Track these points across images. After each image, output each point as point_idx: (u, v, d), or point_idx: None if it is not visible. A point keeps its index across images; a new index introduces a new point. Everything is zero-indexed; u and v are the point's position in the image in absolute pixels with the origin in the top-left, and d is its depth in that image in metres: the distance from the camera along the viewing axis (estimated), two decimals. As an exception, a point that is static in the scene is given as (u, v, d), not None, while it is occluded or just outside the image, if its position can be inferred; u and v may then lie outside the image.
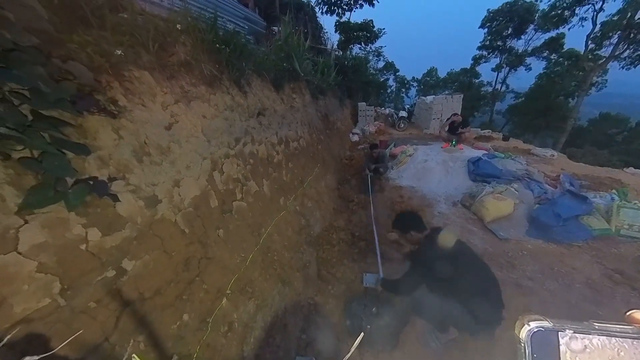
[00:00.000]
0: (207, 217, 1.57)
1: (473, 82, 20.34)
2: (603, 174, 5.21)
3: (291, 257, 2.37)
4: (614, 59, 12.60)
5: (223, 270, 1.58)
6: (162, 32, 1.60)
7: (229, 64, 2.08)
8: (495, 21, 17.12)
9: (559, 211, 3.23)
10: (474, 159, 4.69)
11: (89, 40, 1.12)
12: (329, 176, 4.45)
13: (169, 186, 1.33)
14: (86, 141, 0.99)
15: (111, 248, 1.02)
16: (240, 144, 2.10)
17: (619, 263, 2.70)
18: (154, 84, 1.42)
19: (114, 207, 1.05)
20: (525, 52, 17.37)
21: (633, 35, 11.65)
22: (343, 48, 13.99)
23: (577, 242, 3.03)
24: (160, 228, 1.24)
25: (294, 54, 3.69)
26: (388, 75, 19.47)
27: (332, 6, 13.02)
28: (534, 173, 4.47)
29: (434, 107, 9.99)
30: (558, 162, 6.21)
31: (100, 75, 1.12)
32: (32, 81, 0.79)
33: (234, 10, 4.08)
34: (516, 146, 7.69)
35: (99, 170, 1.02)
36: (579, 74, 14.78)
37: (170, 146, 1.40)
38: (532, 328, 0.29)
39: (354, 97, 10.81)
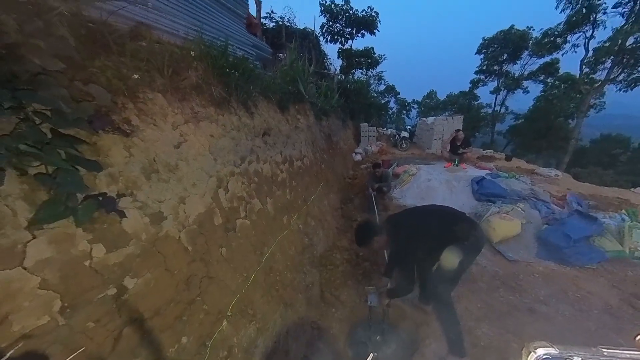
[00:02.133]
0: (211, 234, 1.56)
1: (472, 104, 20.88)
2: (611, 194, 5.14)
3: (294, 278, 2.30)
4: (609, 82, 12.94)
5: (224, 290, 1.54)
6: (177, 58, 1.70)
7: (237, 87, 2.19)
8: (491, 48, 17.94)
9: (568, 232, 3.15)
10: (478, 179, 4.68)
11: (109, 65, 1.20)
12: (332, 195, 4.45)
13: (174, 203, 1.34)
14: (98, 158, 1.02)
15: (114, 265, 1.01)
16: (246, 162, 2.14)
17: (637, 287, 2.57)
18: (166, 105, 1.49)
19: (120, 223, 1.06)
20: (521, 76, 17.98)
21: (626, 60, 12.07)
22: (345, 73, 14.63)
23: (590, 265, 2.91)
24: (164, 245, 1.23)
25: (299, 78, 3.87)
26: (389, 97, 20.14)
27: (336, 35, 13.83)
28: (540, 193, 4.42)
29: (436, 128, 10.18)
30: (563, 182, 6.16)
31: (117, 97, 1.19)
32: (54, 102, 0.84)
33: (243, 38, 4.37)
34: (519, 166, 7.69)
35: (109, 187, 1.04)
36: (576, 96, 15.15)
37: (178, 164, 1.43)
38: (540, 355, 0.28)
39: (356, 118, 11.11)
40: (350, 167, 7.46)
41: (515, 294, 2.53)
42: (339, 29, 13.63)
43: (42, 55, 0.84)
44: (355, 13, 13.04)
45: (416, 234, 1.83)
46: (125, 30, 1.56)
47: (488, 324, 2.17)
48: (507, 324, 2.18)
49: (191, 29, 2.14)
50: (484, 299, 2.46)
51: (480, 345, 1.98)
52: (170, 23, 2.46)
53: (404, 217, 2.05)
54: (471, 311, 2.30)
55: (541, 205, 3.99)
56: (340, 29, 13.65)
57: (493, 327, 2.13)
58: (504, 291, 2.58)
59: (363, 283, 2.74)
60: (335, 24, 13.45)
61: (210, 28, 3.19)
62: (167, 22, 2.42)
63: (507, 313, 2.30)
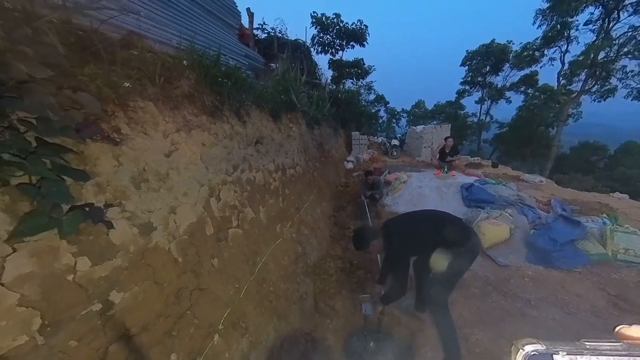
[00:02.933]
0: (202, 245, 1.52)
1: (459, 113, 21.62)
2: (592, 199, 5.35)
3: (287, 288, 2.26)
4: (584, 93, 13.72)
5: (216, 302, 1.49)
6: (169, 67, 1.70)
7: (229, 96, 2.19)
8: (474, 60, 18.79)
9: (554, 236, 3.25)
10: (467, 185, 4.79)
11: (99, 73, 1.19)
12: (325, 203, 4.44)
13: (165, 213, 1.31)
14: (86, 167, 0.99)
15: (99, 279, 0.97)
16: (238, 170, 2.12)
17: (622, 289, 2.66)
18: (157, 113, 1.47)
19: (107, 234, 1.02)
20: (504, 87, 18.84)
21: (598, 72, 12.87)
22: (336, 83, 14.93)
23: (576, 268, 3.00)
24: (153, 257, 1.19)
25: (291, 87, 3.92)
26: (379, 106, 20.59)
27: (326, 46, 14.17)
28: (526, 198, 4.56)
29: (425, 136, 10.44)
30: (547, 187, 6.38)
31: (107, 105, 1.17)
32: (41, 110, 0.81)
33: (235, 48, 4.41)
34: (505, 173, 7.94)
35: (96, 197, 1.01)
36: (555, 106, 15.95)
37: (168, 173, 1.41)
38: (528, 352, 0.29)
39: (347, 127, 11.27)
40: (342, 175, 7.50)
41: (507, 298, 2.57)
42: (330, 40, 14.00)
43: (29, 63, 0.82)
44: (345, 26, 13.45)
45: (411, 238, 1.84)
46: (117, 39, 1.55)
47: (482, 329, 2.18)
48: (500, 329, 2.19)
49: (184, 39, 2.15)
50: (477, 305, 2.47)
51: (476, 351, 1.98)
52: (162, 32, 2.46)
53: (400, 222, 2.06)
54: (465, 317, 2.30)
55: (528, 210, 4.11)
56: (330, 41, 14.02)
57: (487, 333, 2.14)
58: (496, 296, 2.60)
59: (357, 292, 2.71)
60: (326, 36, 13.81)
61: (202, 38, 3.21)
62: (159, 31, 2.42)
63: (500, 318, 2.32)
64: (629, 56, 11.87)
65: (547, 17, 13.15)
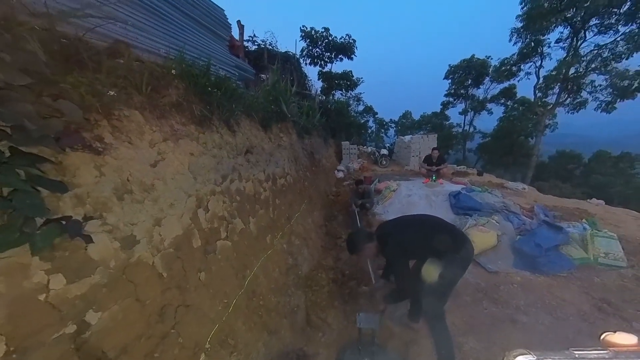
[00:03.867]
0: (189, 258, 1.46)
1: (444, 124, 22.41)
2: (571, 205, 5.58)
3: (278, 302, 2.19)
4: (559, 105, 14.59)
5: (203, 319, 1.42)
6: (157, 76, 1.67)
7: (219, 106, 2.17)
8: (457, 74, 19.72)
9: (539, 242, 3.34)
10: (455, 193, 4.90)
11: (83, 81, 1.15)
12: (316, 212, 4.41)
13: (149, 225, 1.25)
14: (64, 178, 0.94)
15: (75, 298, 0.90)
16: (227, 180, 2.08)
17: (605, 292, 2.74)
18: (144, 122, 1.44)
19: (86, 249, 0.96)
20: (485, 99, 19.77)
21: (570, 86, 13.78)
22: (326, 94, 15.22)
23: (562, 273, 3.08)
24: (136, 272, 1.13)
25: (282, 98, 3.95)
26: (368, 117, 21.05)
27: (316, 59, 14.52)
28: (511, 205, 4.70)
29: (412, 146, 10.71)
30: (529, 194, 6.62)
31: (90, 114, 1.13)
32: (17, 118, 0.77)
33: (225, 59, 4.43)
34: (490, 180, 8.20)
35: (74, 209, 0.95)
36: (533, 117, 16.84)
37: (154, 183, 1.36)
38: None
39: (337, 136, 11.43)
40: (333, 184, 7.52)
41: (497, 305, 2.58)
42: (319, 53, 14.36)
43: (7, 70, 0.78)
44: (334, 39, 13.87)
45: (405, 242, 1.82)
46: (103, 47, 1.52)
47: (475, 337, 2.17)
48: (492, 336, 2.19)
49: (173, 49, 2.14)
50: (469, 313, 2.48)
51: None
52: (151, 42, 2.44)
53: (394, 225, 2.06)
54: (458, 326, 2.29)
55: (513, 217, 4.23)
56: (320, 53, 14.38)
57: (480, 341, 2.13)
58: (487, 303, 2.62)
59: (350, 303, 2.66)
60: (315, 49, 14.17)
61: (192, 48, 3.21)
62: (148, 41, 2.40)
63: (492, 325, 2.33)
64: (597, 72, 12.82)
65: (521, 35, 14.08)
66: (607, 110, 13.16)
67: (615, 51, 11.95)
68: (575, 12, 12.25)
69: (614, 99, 12.75)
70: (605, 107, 13.13)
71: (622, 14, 11.34)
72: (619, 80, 12.17)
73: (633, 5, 10.81)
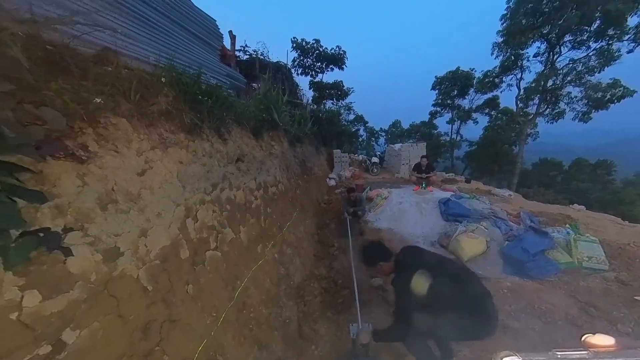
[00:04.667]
0: (176, 270, 1.40)
1: (433, 133, 23.01)
2: (555, 211, 5.77)
3: (269, 314, 2.12)
4: (539, 115, 15.30)
5: (189, 334, 1.35)
6: (146, 84, 1.65)
7: (210, 114, 2.16)
8: (443, 85, 20.45)
9: (526, 247, 3.42)
10: (444, 200, 4.99)
11: (68, 88, 1.12)
12: (308, 221, 4.38)
13: (134, 236, 1.21)
14: (44, 188, 0.90)
15: (51, 315, 0.84)
16: (218, 189, 2.04)
17: (590, 296, 2.81)
18: (131, 130, 1.40)
19: (64, 263, 0.91)
20: (471, 109, 20.51)
21: (549, 98, 14.53)
22: (317, 103, 15.42)
23: (549, 277, 3.14)
24: (118, 286, 1.07)
25: (273, 106, 3.97)
26: (359, 126, 21.38)
27: (307, 69, 14.76)
28: (498, 211, 4.82)
29: (402, 154, 10.91)
30: (515, 201, 6.82)
31: (74, 122, 1.09)
32: (-6, 125, 0.74)
33: (217, 68, 4.43)
34: (478, 187, 8.41)
35: (54, 220, 0.91)
36: (515, 126, 17.56)
37: (140, 193, 1.32)
38: None
39: (329, 145, 11.52)
40: (325, 192, 7.52)
41: (489, 311, 2.60)
42: (310, 63, 14.62)
43: (-15, 75, 0.76)
44: (325, 50, 14.18)
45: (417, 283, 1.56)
46: (90, 55, 1.49)
47: (468, 345, 2.16)
48: (485, 343, 2.18)
49: (163, 57, 2.12)
50: (461, 320, 2.47)
51: (463, 369, 1.95)
52: (140, 50, 2.42)
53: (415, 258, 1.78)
54: (451, 334, 2.28)
55: (500, 222, 4.33)
56: (311, 64, 14.64)
57: (474, 349, 2.13)
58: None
59: (343, 313, 2.62)
60: (306, 59, 14.42)
61: (183, 57, 3.20)
62: (137, 49, 2.38)
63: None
64: (572, 84, 13.61)
65: (502, 49, 14.83)
66: (583, 120, 13.91)
67: (588, 65, 12.76)
68: (550, 29, 13.06)
69: (589, 110, 13.51)
70: (582, 117, 13.88)
71: (592, 31, 12.19)
72: (593, 92, 12.96)
73: (602, 23, 11.65)
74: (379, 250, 1.87)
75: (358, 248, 2.16)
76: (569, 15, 11.82)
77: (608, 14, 11.11)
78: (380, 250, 1.87)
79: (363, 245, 2.00)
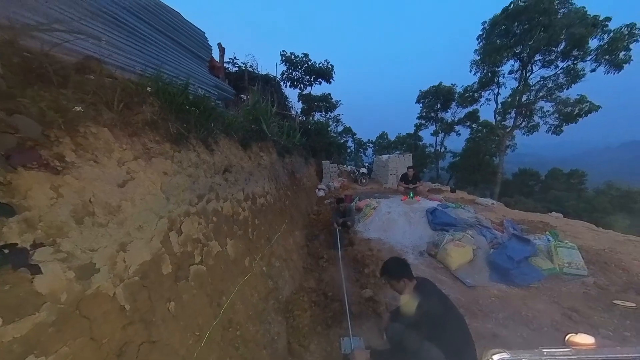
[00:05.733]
0: (157, 287, 1.33)
1: (418, 144, 23.77)
2: (535, 219, 6.01)
3: (257, 330, 2.03)
4: (516, 128, 16.21)
5: (171, 356, 1.26)
6: (130, 93, 1.62)
7: (197, 124, 2.13)
8: (427, 98, 21.38)
9: (510, 254, 3.51)
10: (431, 209, 5.09)
11: (45, 96, 1.07)
12: (297, 232, 4.31)
13: (112, 251, 1.13)
14: (13, 200, 0.84)
15: (13, 341, 0.76)
16: (204, 200, 1.98)
17: (572, 301, 2.89)
18: (113, 140, 1.35)
19: (32, 281, 0.83)
20: (453, 122, 21.46)
21: (524, 112, 15.48)
22: (306, 115, 15.62)
23: (533, 284, 3.22)
24: (92, 306, 1.00)
25: (262, 117, 3.98)
26: (347, 137, 21.78)
27: (296, 82, 15.03)
28: (483, 220, 4.96)
29: (390, 165, 11.13)
30: (498, 209, 7.06)
31: (51, 130, 1.04)
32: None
33: (205, 79, 4.42)
34: (463, 197, 8.67)
35: (21, 235, 0.84)
36: (495, 138, 18.47)
37: (121, 205, 1.25)
38: None
39: (318, 156, 11.59)
40: (314, 203, 7.48)
41: (478, 320, 2.61)
42: (299, 76, 14.91)
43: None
44: (313, 64, 14.55)
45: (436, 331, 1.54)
46: (72, 63, 1.45)
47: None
48: (477, 352, 2.18)
49: (150, 67, 2.10)
50: (452, 330, 2.47)
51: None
52: (126, 60, 2.38)
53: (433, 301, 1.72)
54: (442, 344, 2.26)
55: (485, 231, 4.44)
56: (299, 77, 14.94)
57: (464, 359, 2.11)
58: (469, 319, 2.63)
59: (333, 327, 2.55)
60: (295, 72, 14.72)
61: (171, 68, 3.18)
62: (123, 58, 2.34)
63: (475, 341, 2.32)
64: (544, 99, 14.63)
65: (479, 66, 15.81)
66: (556, 132, 14.87)
67: (557, 82, 13.81)
68: (522, 49, 14.12)
69: (560, 123, 14.50)
70: (555, 130, 14.84)
71: (559, 52, 13.29)
72: (563, 107, 13.96)
73: (567, 45, 12.74)
74: (403, 267, 1.83)
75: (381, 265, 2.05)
76: (537, 37, 12.87)
77: (572, 37, 12.20)
78: (403, 267, 1.82)
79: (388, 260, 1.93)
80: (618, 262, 3.64)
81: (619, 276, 3.33)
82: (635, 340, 2.31)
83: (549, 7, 12.48)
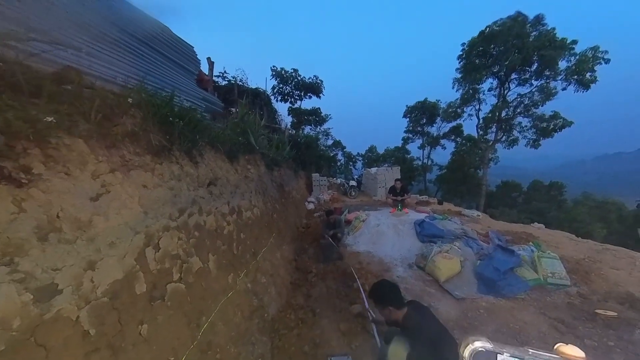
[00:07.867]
0: (128, 308, 1.23)
1: (406, 157, 24.34)
2: (519, 230, 6.16)
3: (239, 353, 1.91)
4: (497, 142, 16.96)
5: (139, 387, 1.16)
6: (110, 104, 1.58)
7: (181, 136, 2.09)
8: (413, 113, 22.17)
9: (497, 265, 3.55)
10: (419, 221, 5.13)
11: (14, 105, 1.03)
12: (285, 246, 4.22)
13: (78, 270, 1.06)
14: (-35, 216, 0.77)
15: (-49, 376, 0.68)
16: (185, 214, 1.91)
17: (557, 311, 2.92)
18: (88, 152, 1.30)
19: (-20, 306, 0.76)
20: (439, 136, 22.22)
21: (504, 127, 16.29)
22: (296, 128, 15.78)
23: (520, 295, 3.25)
24: (51, 332, 0.91)
25: (250, 130, 3.97)
26: (337, 150, 22.04)
27: (286, 96, 15.28)
28: (469, 231, 5.03)
29: (379, 177, 11.28)
30: (484, 221, 7.21)
31: (17, 141, 0.99)
32: None
33: (192, 91, 4.42)
34: (449, 209, 8.82)
35: (-27, 255, 0.77)
36: (478, 152, 19.20)
37: (92, 219, 1.18)
38: (476, 347, 0.34)
39: (307, 169, 11.61)
40: (303, 216, 7.40)
41: (467, 333, 2.58)
42: (289, 91, 15.19)
43: None
44: (303, 79, 14.90)
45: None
46: (48, 72, 1.41)
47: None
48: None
49: (134, 78, 2.07)
50: (442, 345, 2.42)
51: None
52: (108, 70, 2.34)
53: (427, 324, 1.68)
54: None
55: (472, 242, 4.50)
56: (289, 91, 15.22)
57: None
58: (458, 332, 2.60)
59: (321, 346, 2.44)
60: (285, 87, 14.99)
61: (156, 80, 3.16)
62: (104, 69, 2.31)
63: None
64: (522, 115, 15.50)
65: (461, 83, 16.68)
66: (534, 146, 15.65)
67: (533, 99, 14.71)
68: (499, 68, 15.06)
69: (538, 137, 15.30)
70: (533, 144, 15.63)
71: (532, 71, 14.27)
72: (539, 122, 14.80)
73: (539, 65, 13.73)
74: (393, 292, 1.80)
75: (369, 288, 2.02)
76: (512, 57, 13.79)
77: (543, 58, 13.16)
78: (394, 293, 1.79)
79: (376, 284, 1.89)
80: (598, 272, 3.74)
81: (599, 285, 3.41)
82: (619, 351, 2.34)
83: (520, 32, 13.50)
